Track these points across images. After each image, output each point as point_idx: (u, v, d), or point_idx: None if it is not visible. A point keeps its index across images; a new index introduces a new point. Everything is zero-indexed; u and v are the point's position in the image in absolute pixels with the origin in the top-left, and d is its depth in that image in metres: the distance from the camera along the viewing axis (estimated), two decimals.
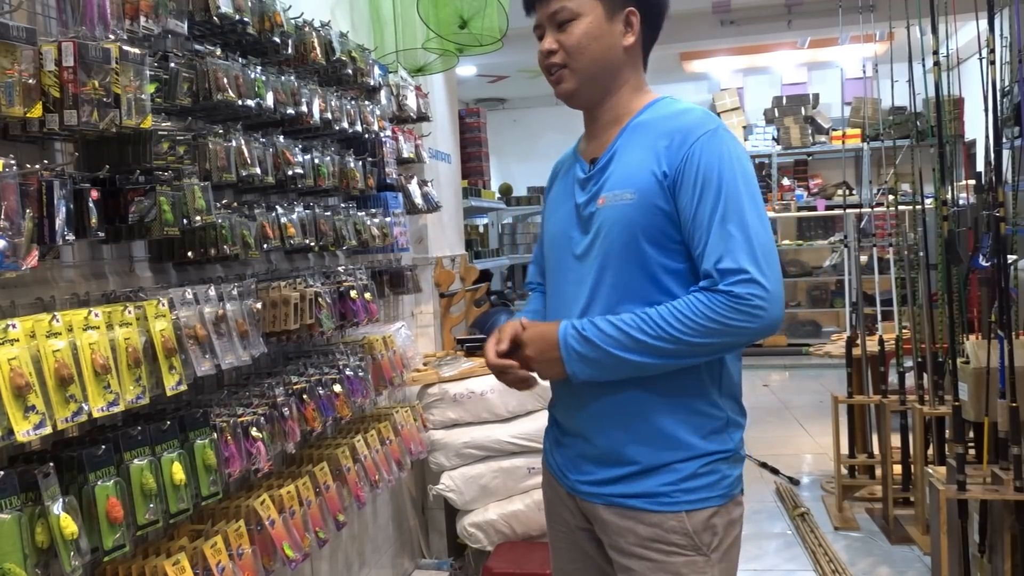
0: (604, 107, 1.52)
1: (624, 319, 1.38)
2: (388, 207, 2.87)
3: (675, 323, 1.34)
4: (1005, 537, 2.49)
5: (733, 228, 1.34)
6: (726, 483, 1.45)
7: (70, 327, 1.35)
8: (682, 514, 1.41)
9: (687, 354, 1.36)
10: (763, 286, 1.32)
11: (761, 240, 1.34)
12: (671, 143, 1.40)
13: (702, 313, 1.32)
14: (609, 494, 1.47)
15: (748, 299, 1.31)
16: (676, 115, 1.45)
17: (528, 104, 11.59)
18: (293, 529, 1.97)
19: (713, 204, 1.35)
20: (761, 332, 1.34)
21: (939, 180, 3.35)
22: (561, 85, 1.50)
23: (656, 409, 1.43)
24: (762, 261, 1.33)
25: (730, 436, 1.47)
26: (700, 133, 1.39)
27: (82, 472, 1.39)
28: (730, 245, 1.33)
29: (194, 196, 1.72)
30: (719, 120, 1.45)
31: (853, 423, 4.31)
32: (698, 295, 1.35)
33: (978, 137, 6.34)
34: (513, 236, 7.11)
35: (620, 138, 1.49)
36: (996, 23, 2.73)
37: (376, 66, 2.92)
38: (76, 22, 1.45)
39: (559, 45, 1.47)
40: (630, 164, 1.44)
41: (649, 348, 1.35)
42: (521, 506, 3.18)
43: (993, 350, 2.53)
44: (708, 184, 1.36)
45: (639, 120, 1.49)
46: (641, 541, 1.43)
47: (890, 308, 4.24)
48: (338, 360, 2.37)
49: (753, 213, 1.36)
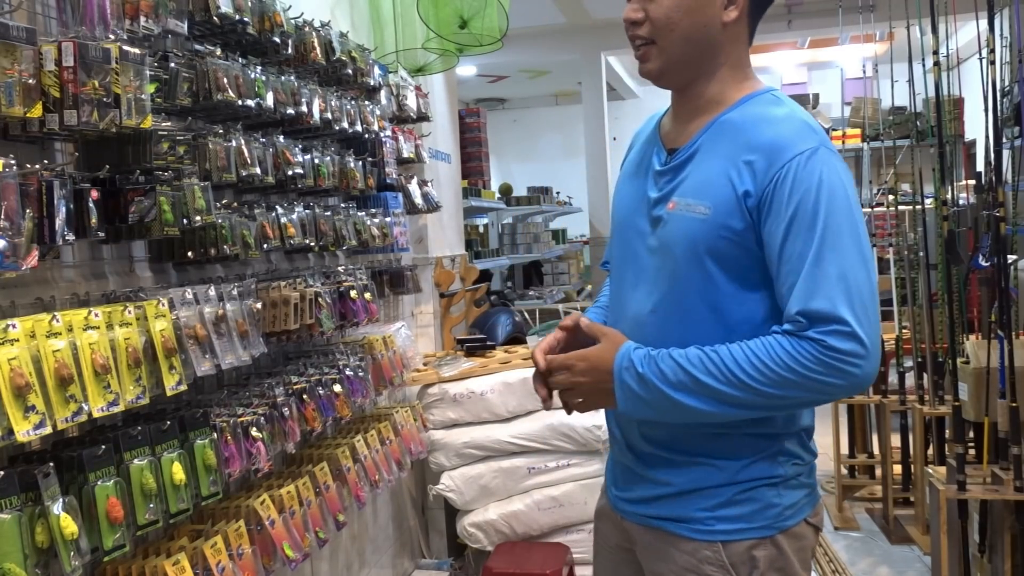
0: (696, 91, 1.32)
1: (689, 356, 1.21)
2: (388, 207, 2.87)
3: (748, 367, 1.17)
4: (1005, 537, 2.49)
5: (831, 268, 1.15)
6: (771, 513, 1.27)
7: (70, 327, 1.35)
8: (717, 544, 1.27)
9: (756, 405, 1.20)
10: (861, 340, 1.13)
11: (861, 286, 1.16)
12: (760, 158, 1.21)
13: (782, 362, 1.15)
14: (645, 514, 1.36)
15: (841, 353, 1.13)
16: (770, 122, 1.25)
17: (528, 104, 11.58)
18: (293, 529, 1.97)
19: (806, 239, 1.17)
20: (849, 391, 1.17)
21: (939, 180, 3.35)
22: (646, 64, 1.31)
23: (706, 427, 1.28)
24: (860, 311, 1.14)
25: (782, 462, 1.29)
26: (796, 152, 1.20)
27: (82, 472, 1.39)
28: (826, 288, 1.15)
29: (194, 196, 1.72)
30: (822, 134, 1.24)
31: (853, 423, 4.31)
32: (780, 339, 1.17)
33: (978, 137, 6.34)
34: (513, 236, 7.10)
35: (705, 133, 1.30)
36: (996, 23, 2.73)
37: (376, 66, 2.92)
38: (76, 22, 1.45)
39: (645, 15, 1.27)
40: (709, 172, 1.26)
41: (713, 393, 1.19)
42: (521, 506, 3.18)
43: (993, 350, 2.53)
44: (803, 215, 1.17)
45: (729, 116, 1.29)
46: (678, 570, 1.30)
47: (890, 308, 4.24)
48: (338, 360, 2.37)
49: (855, 253, 1.17)
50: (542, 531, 3.20)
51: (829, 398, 1.19)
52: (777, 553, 1.27)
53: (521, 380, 3.27)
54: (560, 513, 3.16)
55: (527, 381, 3.28)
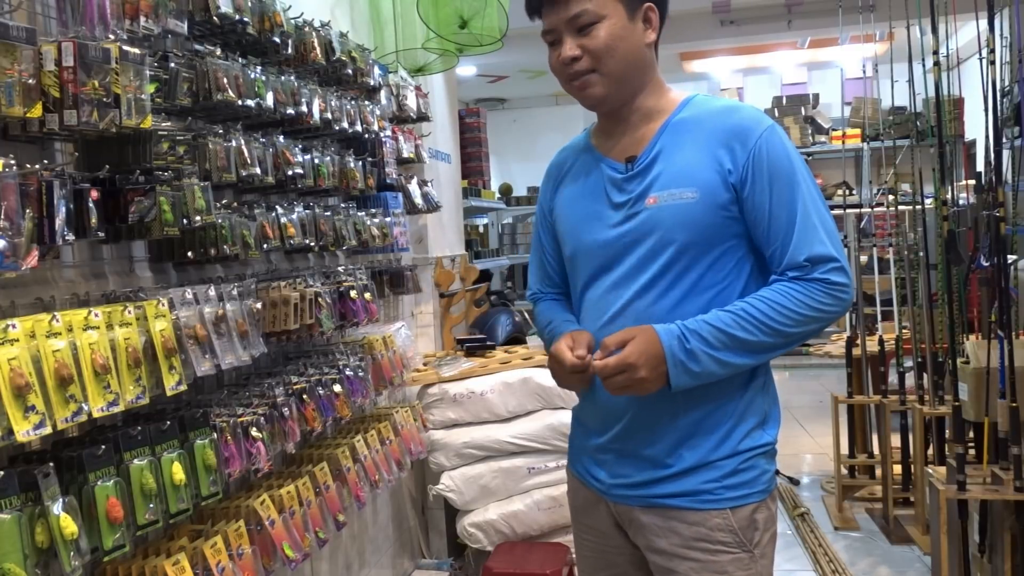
0: (632, 107, 1.49)
1: (722, 319, 1.36)
2: (388, 207, 2.87)
3: (775, 315, 1.35)
4: (1005, 537, 2.49)
5: (815, 219, 1.38)
6: (765, 478, 1.45)
7: (70, 327, 1.34)
8: (727, 511, 1.41)
9: (783, 346, 1.38)
10: (847, 272, 1.38)
11: (833, 228, 1.40)
12: (733, 141, 1.40)
13: (802, 303, 1.35)
14: (647, 495, 1.45)
15: (839, 284, 1.36)
16: (727, 112, 1.45)
17: (528, 104, 11.59)
18: (293, 529, 1.97)
19: (791, 198, 1.38)
20: (841, 315, 1.41)
21: (939, 180, 3.35)
22: (589, 91, 1.45)
23: (698, 408, 1.42)
24: (839, 248, 1.39)
25: (767, 430, 1.47)
26: (762, 130, 1.40)
27: (82, 472, 1.39)
28: (818, 235, 1.37)
29: (194, 196, 1.72)
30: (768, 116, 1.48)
31: (853, 423, 4.31)
32: (792, 285, 1.37)
33: (978, 137, 6.34)
34: (513, 236, 7.11)
35: (662, 136, 1.46)
36: (996, 23, 2.73)
37: (376, 66, 2.92)
38: (76, 22, 1.45)
39: (583, 50, 1.42)
40: (686, 162, 1.42)
41: (751, 345, 1.36)
42: (521, 506, 3.18)
43: (993, 350, 2.53)
44: (781, 179, 1.39)
45: (681, 118, 1.47)
46: (685, 541, 1.41)
47: (890, 308, 4.25)
48: (338, 360, 2.37)
49: (821, 203, 1.41)
50: (542, 531, 3.20)
51: (829, 324, 1.41)
52: (769, 513, 1.46)
53: (521, 380, 3.27)
54: (560, 513, 3.16)
55: (527, 381, 3.28)
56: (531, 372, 3.31)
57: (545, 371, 3.30)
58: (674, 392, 1.38)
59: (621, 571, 1.54)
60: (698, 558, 1.40)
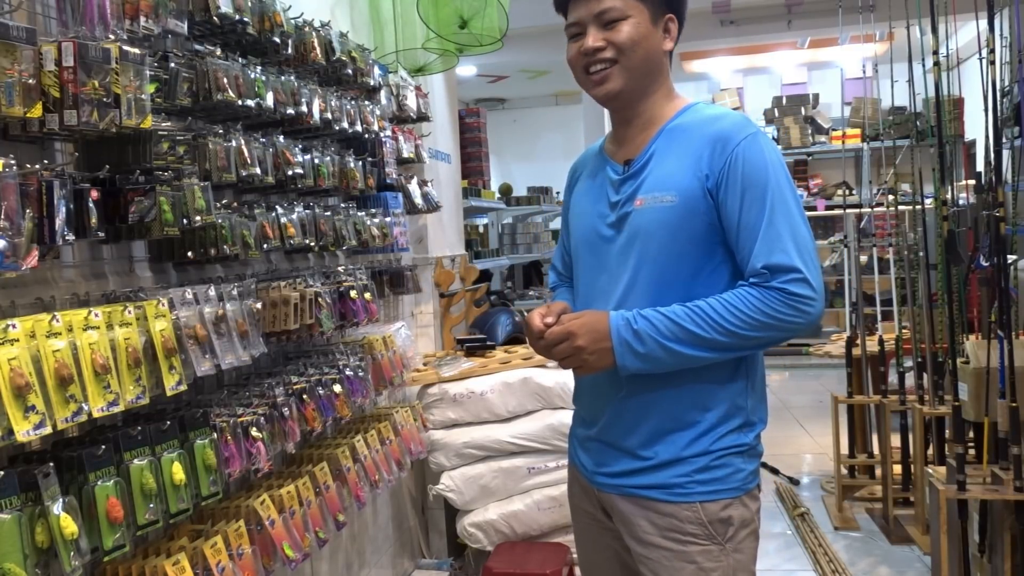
0: (638, 110, 1.55)
1: (675, 311, 1.40)
2: (388, 207, 2.87)
3: (729, 316, 1.38)
4: (1005, 537, 2.49)
5: (782, 228, 1.39)
6: (739, 477, 1.48)
7: (70, 327, 1.35)
8: (696, 504, 1.46)
9: (736, 347, 1.41)
10: (811, 284, 1.38)
11: (806, 240, 1.41)
12: (713, 147, 1.44)
13: (756, 308, 1.38)
14: (625, 485, 1.52)
15: (799, 296, 1.37)
16: (714, 119, 1.49)
17: (528, 104, 11.59)
18: (293, 529, 1.97)
19: (760, 206, 1.40)
20: (806, 328, 1.41)
21: (939, 180, 3.35)
22: (606, 84, 1.50)
23: (676, 405, 1.48)
24: (809, 261, 1.39)
25: (747, 432, 1.50)
26: (741, 138, 1.43)
27: (82, 472, 1.39)
28: (781, 244, 1.39)
29: (194, 196, 1.72)
30: (756, 125, 1.50)
31: (853, 423, 4.31)
32: (750, 290, 1.39)
33: (978, 137, 6.34)
34: (513, 236, 7.10)
35: (656, 141, 1.52)
36: (996, 23, 2.73)
37: (376, 66, 2.92)
38: (76, 22, 1.45)
39: (607, 42, 1.47)
40: (670, 167, 1.47)
41: (702, 340, 1.39)
42: (521, 506, 3.18)
43: (993, 350, 2.53)
44: (754, 187, 1.41)
45: (675, 124, 1.52)
46: (659, 531, 1.47)
47: (890, 308, 4.25)
48: (338, 360, 2.37)
49: (798, 214, 1.42)
50: (542, 531, 3.20)
51: (792, 335, 1.42)
52: (745, 511, 1.49)
53: (521, 380, 3.27)
54: (560, 513, 3.16)
55: (527, 381, 3.28)
56: (531, 372, 3.31)
57: (545, 371, 3.31)
58: (627, 375, 1.44)
59: (612, 552, 1.62)
60: (670, 547, 1.46)
